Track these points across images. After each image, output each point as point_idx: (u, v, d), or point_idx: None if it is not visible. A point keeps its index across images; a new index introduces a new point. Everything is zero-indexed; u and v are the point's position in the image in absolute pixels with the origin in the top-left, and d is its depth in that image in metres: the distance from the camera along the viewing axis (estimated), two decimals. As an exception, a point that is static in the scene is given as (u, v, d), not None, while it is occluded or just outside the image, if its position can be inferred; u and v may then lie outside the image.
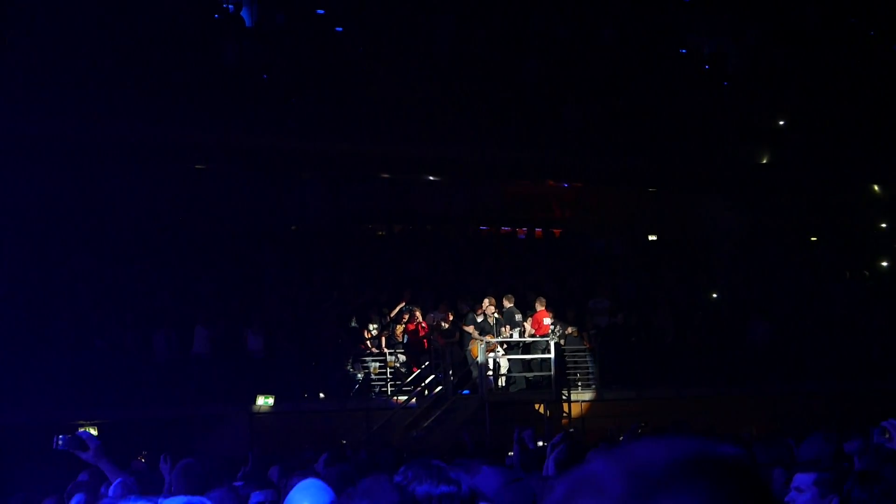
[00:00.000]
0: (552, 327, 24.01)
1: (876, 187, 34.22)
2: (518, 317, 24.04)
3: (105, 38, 25.06)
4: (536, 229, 32.02)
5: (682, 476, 1.40)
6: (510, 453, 15.51)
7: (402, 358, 24.13)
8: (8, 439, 20.34)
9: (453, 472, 4.11)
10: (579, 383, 24.72)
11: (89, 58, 24.55)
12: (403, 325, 24.28)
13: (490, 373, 23.34)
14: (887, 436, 7.81)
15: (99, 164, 26.44)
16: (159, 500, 4.51)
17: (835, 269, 31.39)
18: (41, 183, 25.56)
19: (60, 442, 6.83)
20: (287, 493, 5.18)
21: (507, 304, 24.17)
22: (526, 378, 24.05)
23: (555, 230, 32.29)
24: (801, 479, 5.59)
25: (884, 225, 34.11)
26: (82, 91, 23.96)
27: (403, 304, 24.64)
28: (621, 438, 16.42)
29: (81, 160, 25.99)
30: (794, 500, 5.60)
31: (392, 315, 24.63)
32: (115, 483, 6.93)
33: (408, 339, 24.18)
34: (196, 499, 4.56)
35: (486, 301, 23.83)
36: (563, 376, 23.92)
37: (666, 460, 1.42)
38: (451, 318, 24.00)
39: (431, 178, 31.08)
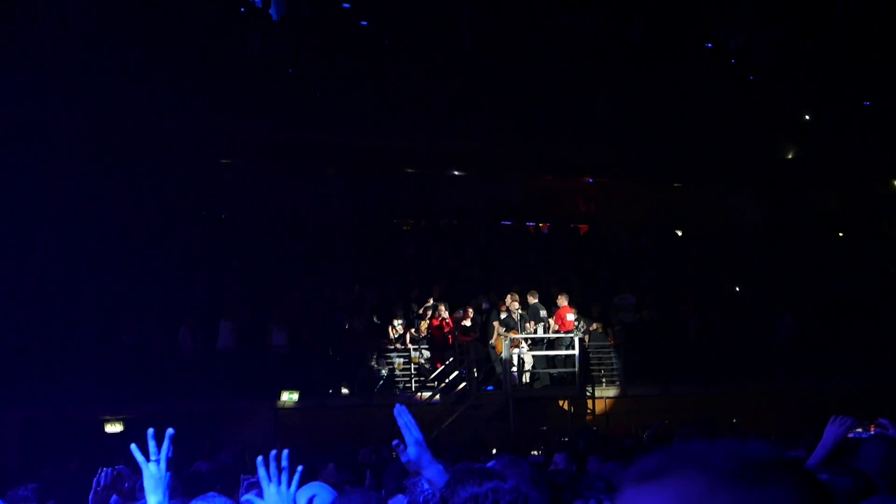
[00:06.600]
0: (576, 323, 23.96)
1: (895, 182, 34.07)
2: (543, 313, 24.00)
3: (131, 31, 25.14)
4: (561, 224, 31.92)
5: (782, 469, 1.55)
6: (534, 452, 15.50)
7: (427, 354, 24.13)
8: (35, 434, 20.45)
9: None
10: (603, 379, 24.69)
11: (115, 51, 24.64)
12: (427, 321, 24.27)
13: (514, 369, 23.31)
14: None
15: (124, 158, 26.53)
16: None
17: (861, 264, 31.23)
18: (68, 177, 25.65)
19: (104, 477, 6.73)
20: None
21: (532, 299, 24.13)
22: (550, 374, 24.01)
23: (580, 225, 32.20)
24: None
25: None
26: (108, 85, 24.07)
27: (431, 300, 24.64)
28: (645, 436, 16.39)
29: (107, 154, 26.08)
30: None
31: (420, 311, 24.64)
32: (105, 471, 6.79)
33: (431, 335, 24.16)
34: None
35: (509, 297, 23.81)
36: (587, 372, 23.87)
37: (765, 454, 1.57)
38: (470, 314, 23.93)
39: (456, 172, 31.07)
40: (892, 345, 27.15)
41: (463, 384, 23.39)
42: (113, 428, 21.63)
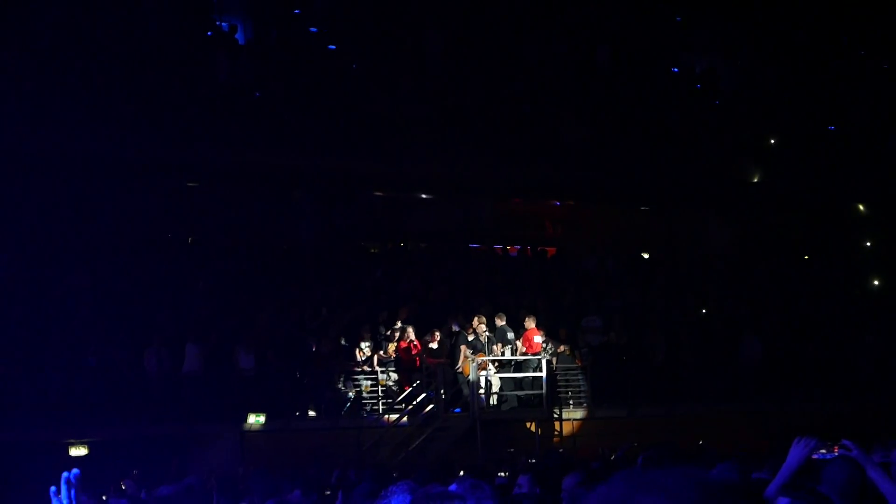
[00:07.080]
0: (544, 345, 24.01)
1: (861, 206, 34.33)
2: (510, 335, 24.03)
3: (98, 55, 25.07)
4: (528, 247, 31.99)
5: (741, 498, 1.57)
6: (500, 474, 15.52)
7: (394, 376, 24.10)
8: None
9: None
10: (571, 401, 24.71)
11: (82, 74, 24.56)
12: (395, 344, 24.24)
13: (482, 391, 23.31)
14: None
15: (91, 181, 26.37)
16: None
17: (826, 287, 31.45)
18: (33, 199, 25.50)
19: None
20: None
21: (500, 322, 24.16)
22: (517, 396, 24.03)
23: (548, 248, 32.26)
24: None
25: (868, 244, 34.23)
26: (75, 107, 23.95)
27: (399, 322, 24.62)
28: (613, 458, 16.42)
29: (74, 177, 25.91)
30: None
31: (388, 333, 24.61)
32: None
33: (399, 357, 24.13)
34: None
35: (476, 319, 23.83)
36: (554, 395, 23.91)
37: (726, 483, 1.58)
38: (437, 337, 23.91)
39: (424, 195, 31.07)
40: (857, 367, 27.36)
41: (430, 406, 23.36)
42: (77, 451, 21.47)
